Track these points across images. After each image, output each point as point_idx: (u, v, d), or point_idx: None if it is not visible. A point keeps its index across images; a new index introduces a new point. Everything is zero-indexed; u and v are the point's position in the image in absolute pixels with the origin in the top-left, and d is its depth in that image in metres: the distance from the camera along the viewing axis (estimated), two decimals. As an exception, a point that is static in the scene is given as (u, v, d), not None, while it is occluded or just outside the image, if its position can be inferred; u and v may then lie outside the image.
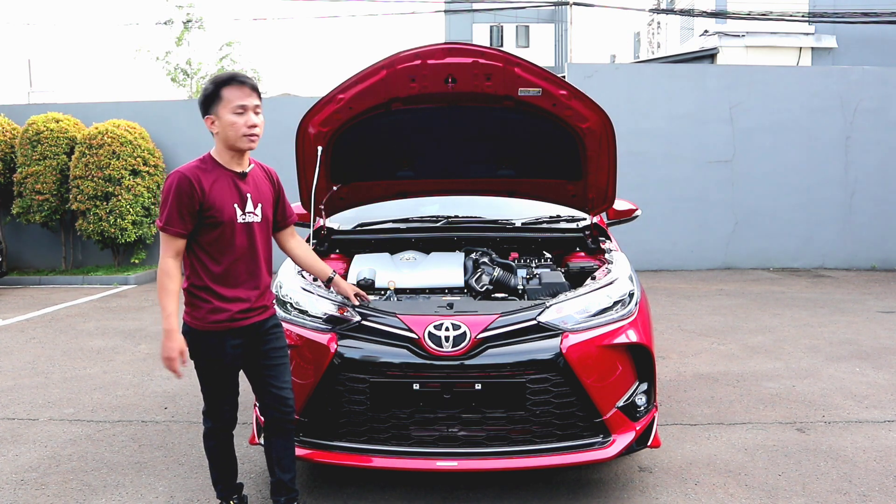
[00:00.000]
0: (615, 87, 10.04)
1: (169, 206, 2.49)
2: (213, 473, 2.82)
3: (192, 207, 2.49)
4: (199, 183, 2.50)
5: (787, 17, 15.75)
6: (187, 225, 2.51)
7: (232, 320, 2.57)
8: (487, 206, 4.34)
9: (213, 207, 2.51)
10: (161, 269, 2.53)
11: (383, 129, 3.85)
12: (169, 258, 2.51)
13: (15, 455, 3.68)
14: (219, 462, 2.80)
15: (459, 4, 26.06)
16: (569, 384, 2.79)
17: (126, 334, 6.48)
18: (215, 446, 2.77)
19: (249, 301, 2.61)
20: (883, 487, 3.16)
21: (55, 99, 19.03)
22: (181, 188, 2.48)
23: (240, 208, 2.58)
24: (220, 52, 17.06)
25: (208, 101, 2.54)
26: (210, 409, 2.73)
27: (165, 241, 2.52)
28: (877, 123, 10.14)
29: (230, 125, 2.52)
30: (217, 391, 2.68)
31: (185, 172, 2.52)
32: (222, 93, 2.52)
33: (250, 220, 2.61)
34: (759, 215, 10.20)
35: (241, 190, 2.59)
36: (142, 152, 9.86)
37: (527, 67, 3.36)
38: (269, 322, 2.71)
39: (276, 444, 2.73)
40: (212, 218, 2.52)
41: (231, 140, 2.54)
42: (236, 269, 2.58)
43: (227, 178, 2.58)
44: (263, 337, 2.68)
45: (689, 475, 3.30)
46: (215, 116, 2.54)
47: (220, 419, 2.73)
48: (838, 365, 5.12)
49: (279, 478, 2.73)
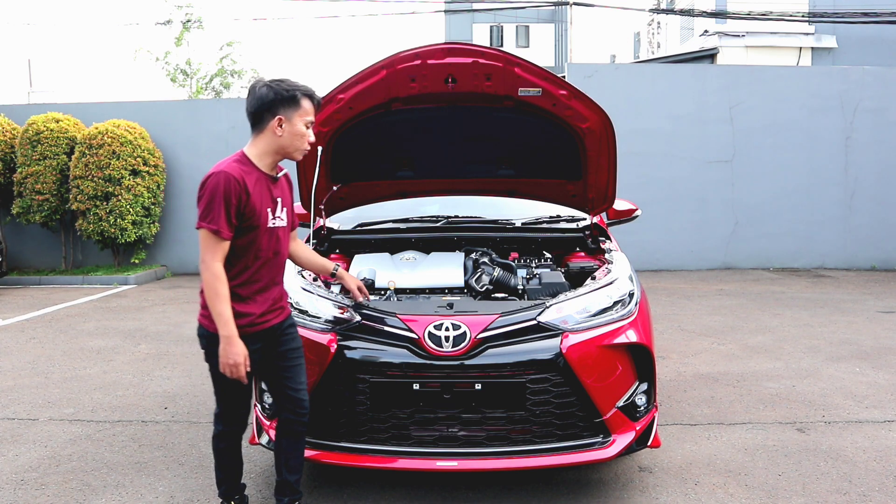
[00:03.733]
0: (615, 87, 10.04)
1: (217, 206, 2.39)
2: (219, 474, 2.79)
3: (238, 209, 2.42)
4: (245, 185, 2.43)
5: (787, 17, 15.75)
6: (233, 227, 2.43)
7: (252, 325, 2.53)
8: (487, 206, 4.34)
9: (254, 210, 2.47)
10: (210, 272, 2.42)
11: (383, 129, 3.85)
12: (217, 261, 2.42)
13: (15, 455, 3.67)
14: (226, 463, 2.76)
15: (459, 4, 26.06)
16: (569, 384, 2.79)
17: (126, 334, 6.48)
18: (225, 448, 2.73)
19: (270, 303, 2.60)
20: (883, 487, 3.16)
21: (55, 99, 19.03)
22: (229, 188, 2.40)
23: (271, 213, 2.55)
24: (220, 52, 17.03)
25: (285, 103, 2.47)
26: (224, 413, 2.68)
27: (212, 243, 2.42)
28: (877, 123, 10.14)
29: (300, 135, 2.50)
30: (233, 395, 2.63)
31: (233, 173, 2.42)
32: (302, 102, 2.49)
33: (278, 225, 2.59)
34: (759, 215, 10.19)
35: (272, 194, 2.57)
36: (142, 152, 9.86)
37: (527, 67, 3.36)
38: (285, 322, 2.69)
39: (286, 445, 2.72)
40: (249, 221, 2.47)
41: (289, 148, 2.52)
42: (261, 273, 2.56)
43: (264, 181, 2.53)
44: (280, 338, 2.66)
45: (689, 475, 3.30)
46: (286, 119, 2.48)
47: (233, 422, 2.70)
48: (838, 365, 5.12)
49: (285, 478, 2.73)
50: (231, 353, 2.43)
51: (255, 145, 2.54)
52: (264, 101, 2.48)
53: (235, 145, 8.56)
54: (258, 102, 2.49)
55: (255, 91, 2.50)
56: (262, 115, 2.49)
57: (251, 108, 2.51)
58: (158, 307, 7.90)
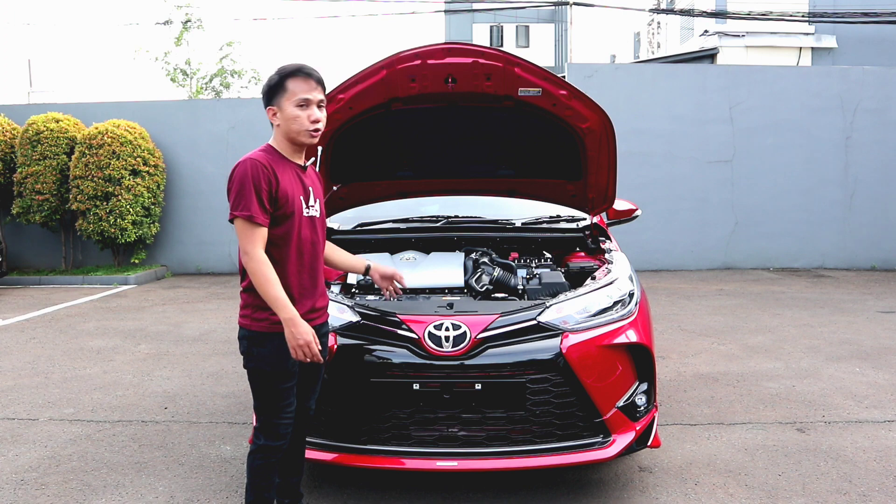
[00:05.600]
0: (615, 87, 10.04)
1: (248, 193, 2.33)
2: (249, 496, 2.55)
3: (270, 194, 2.36)
4: (273, 169, 2.39)
5: (787, 17, 15.76)
6: (267, 213, 2.36)
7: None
8: (487, 206, 4.34)
9: (287, 197, 2.40)
10: (255, 260, 2.33)
11: (383, 129, 3.85)
12: (258, 248, 2.34)
13: (15, 455, 3.67)
14: (262, 482, 2.53)
15: (459, 4, 26.06)
16: (569, 384, 2.79)
17: (126, 334, 6.48)
18: (264, 466, 2.51)
19: (313, 299, 2.52)
20: (883, 487, 3.16)
21: (55, 99, 19.02)
22: (258, 174, 2.35)
23: (304, 201, 2.49)
24: (220, 52, 17.03)
25: (272, 92, 2.44)
26: (265, 425, 2.48)
27: (249, 231, 2.34)
28: (877, 123, 10.14)
29: (293, 118, 2.42)
30: (276, 403, 2.45)
31: (258, 158, 2.39)
32: (287, 84, 2.42)
33: (313, 214, 2.52)
34: (759, 215, 10.20)
35: (304, 183, 2.51)
36: (142, 152, 9.85)
37: (527, 67, 3.36)
38: (323, 328, 2.61)
39: (290, 449, 2.67)
40: (283, 209, 2.40)
41: (293, 133, 2.45)
42: (301, 265, 2.47)
43: (292, 169, 2.48)
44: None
45: (689, 475, 3.30)
46: (277, 108, 2.44)
47: (275, 436, 2.48)
48: (838, 365, 5.12)
49: (287, 480, 2.70)
50: (299, 333, 2.32)
51: (273, 137, 2.53)
52: (263, 95, 2.50)
53: (235, 145, 8.64)
54: (262, 97, 2.51)
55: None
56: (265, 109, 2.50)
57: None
58: (158, 307, 7.90)
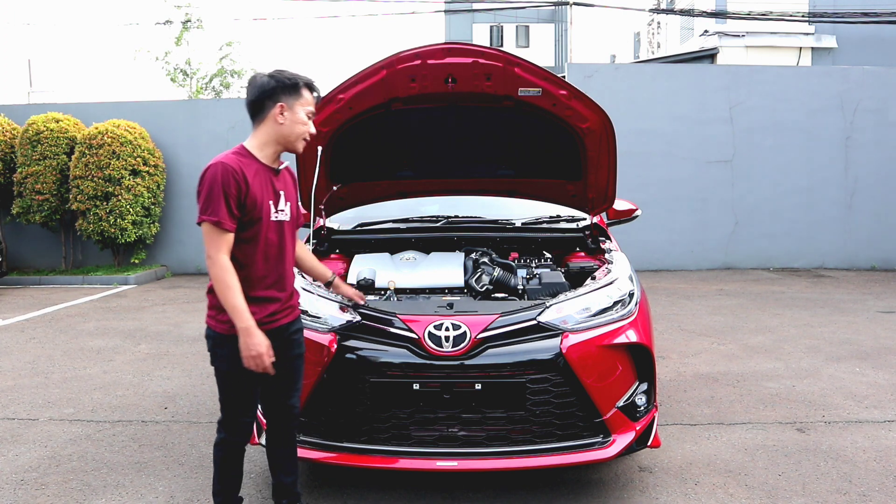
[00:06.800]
0: (615, 87, 10.03)
1: (215, 197, 2.34)
2: (216, 485, 2.66)
3: (238, 200, 2.37)
4: (244, 174, 2.39)
5: (787, 17, 15.75)
6: (235, 219, 2.38)
7: (261, 324, 2.42)
8: (487, 206, 4.34)
9: (255, 202, 2.41)
10: (217, 265, 2.35)
11: (383, 129, 3.85)
12: (223, 254, 2.36)
13: (15, 455, 3.67)
14: (225, 474, 2.64)
15: (459, 4, 26.05)
16: (569, 384, 2.79)
17: (126, 334, 6.48)
18: (225, 458, 2.61)
19: (279, 302, 2.53)
20: (883, 487, 3.16)
21: (55, 99, 19.02)
22: (227, 179, 2.35)
23: (274, 206, 2.49)
24: (220, 52, 17.06)
25: (287, 90, 2.44)
26: (227, 420, 2.56)
27: (215, 236, 2.36)
28: (877, 123, 10.14)
29: (301, 123, 2.48)
30: (239, 400, 2.53)
31: (229, 163, 2.39)
32: (304, 92, 2.47)
33: (282, 219, 2.53)
34: (759, 215, 10.19)
35: (275, 186, 2.51)
36: (142, 152, 9.85)
37: (527, 67, 3.37)
38: (294, 325, 2.62)
39: (278, 448, 2.69)
40: (251, 213, 2.41)
41: (290, 137, 2.48)
42: (266, 269, 2.49)
43: (265, 173, 2.48)
44: (288, 343, 2.59)
45: (689, 475, 3.30)
46: (288, 107, 2.45)
47: (237, 431, 2.57)
48: (838, 365, 5.12)
49: (281, 480, 2.70)
50: (252, 344, 2.34)
51: (255, 136, 2.51)
52: (265, 88, 2.45)
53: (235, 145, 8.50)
54: (259, 91, 2.46)
55: (255, 81, 2.48)
56: (263, 104, 2.46)
57: (252, 96, 2.47)
58: (158, 307, 7.90)
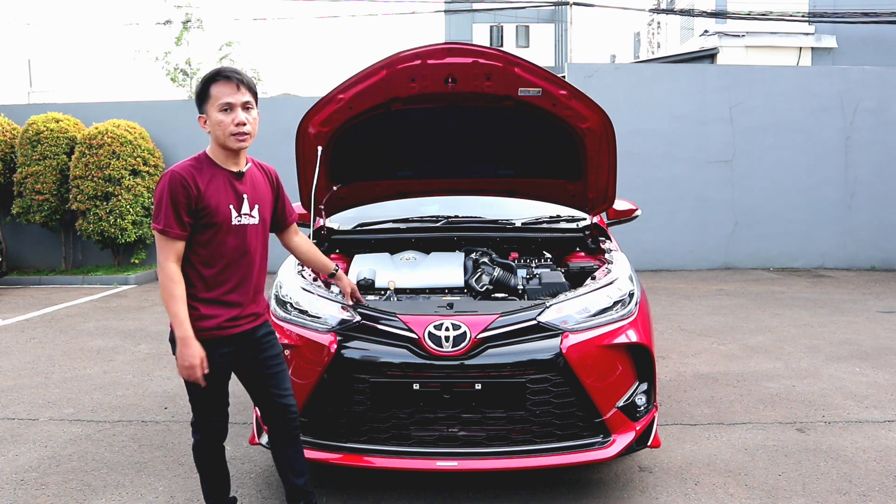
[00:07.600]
0: (615, 87, 10.03)
1: (164, 206, 2.37)
2: (204, 487, 2.70)
3: (188, 207, 2.38)
4: (195, 181, 2.39)
5: (787, 17, 15.76)
6: (186, 226, 2.39)
7: (220, 328, 2.45)
8: (487, 206, 4.34)
9: (208, 208, 2.40)
10: (164, 273, 2.38)
11: (383, 129, 3.85)
12: (171, 262, 2.38)
13: (15, 455, 3.67)
14: (209, 475, 2.68)
15: (459, 4, 26.06)
16: (569, 384, 2.79)
17: (126, 334, 6.48)
18: (204, 459, 2.65)
19: (240, 307, 2.50)
20: (883, 487, 3.16)
21: (55, 99, 19.04)
22: (175, 187, 2.37)
23: (235, 209, 2.47)
24: (220, 52, 17.10)
25: (200, 100, 2.45)
26: (198, 421, 2.60)
27: (165, 244, 2.39)
28: (877, 123, 10.14)
29: (217, 124, 2.41)
30: (205, 402, 2.55)
31: (179, 171, 2.41)
32: (210, 90, 2.42)
33: (245, 223, 2.49)
34: (759, 215, 10.19)
35: (237, 190, 2.48)
36: (142, 152, 9.86)
37: (527, 67, 3.36)
38: (261, 330, 2.60)
39: (284, 450, 2.67)
40: (205, 219, 2.41)
41: (220, 140, 2.43)
42: (227, 273, 2.47)
43: (222, 177, 2.47)
44: (257, 346, 2.57)
45: (689, 475, 3.30)
46: (206, 116, 2.44)
47: (209, 431, 2.60)
48: (838, 365, 5.12)
49: (293, 482, 2.67)
50: (186, 355, 2.36)
51: (209, 144, 2.53)
52: (196, 105, 2.50)
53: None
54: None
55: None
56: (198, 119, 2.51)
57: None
58: (158, 307, 7.90)
